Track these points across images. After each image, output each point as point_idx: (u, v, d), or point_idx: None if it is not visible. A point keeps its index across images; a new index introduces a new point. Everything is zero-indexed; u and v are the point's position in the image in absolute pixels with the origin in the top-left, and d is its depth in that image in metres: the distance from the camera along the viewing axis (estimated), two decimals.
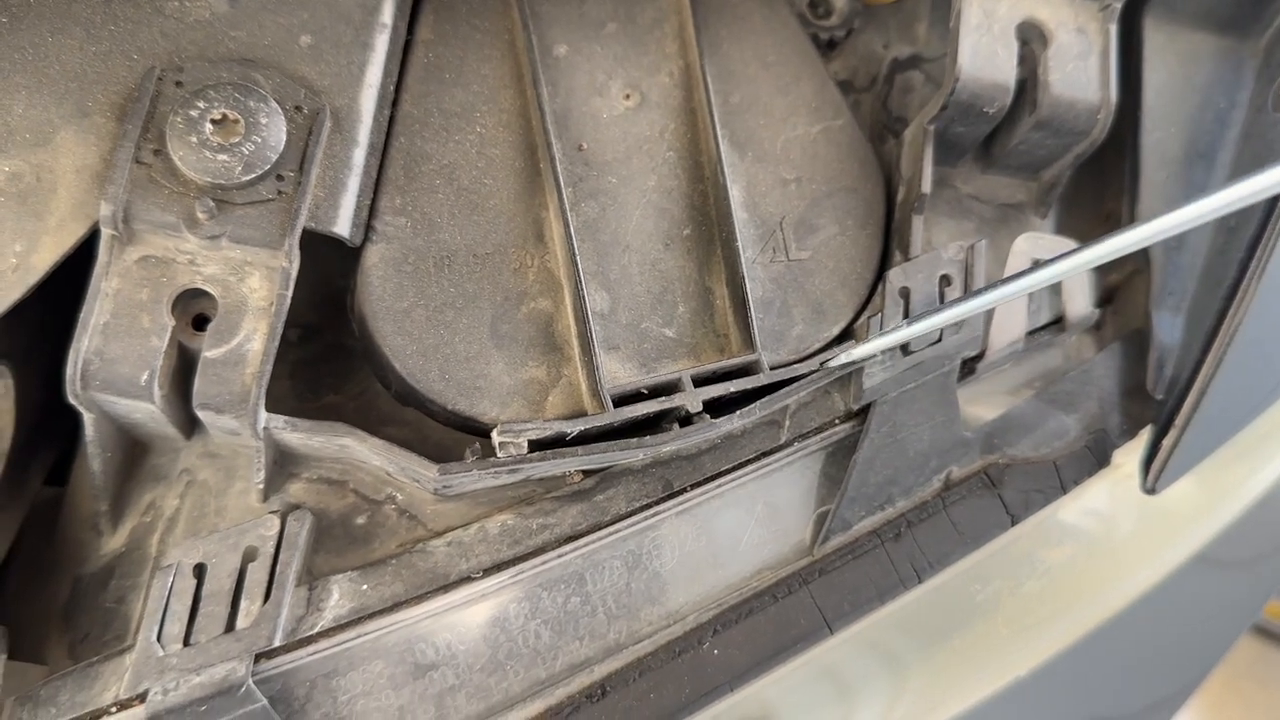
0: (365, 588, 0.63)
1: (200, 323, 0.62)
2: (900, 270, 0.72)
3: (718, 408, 0.69)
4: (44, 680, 0.60)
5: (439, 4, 0.73)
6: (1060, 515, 0.76)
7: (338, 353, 0.73)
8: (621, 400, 0.66)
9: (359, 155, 0.65)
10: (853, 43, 0.89)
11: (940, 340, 0.72)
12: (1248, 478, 0.85)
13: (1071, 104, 0.73)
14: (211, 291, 0.61)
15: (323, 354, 0.74)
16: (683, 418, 0.68)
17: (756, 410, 0.68)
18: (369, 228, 0.67)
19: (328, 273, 0.70)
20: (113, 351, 0.59)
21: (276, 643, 0.59)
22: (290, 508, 0.64)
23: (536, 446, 0.64)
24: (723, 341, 0.72)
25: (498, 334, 0.68)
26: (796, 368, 0.70)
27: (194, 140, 0.60)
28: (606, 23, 0.76)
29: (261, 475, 0.64)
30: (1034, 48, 0.75)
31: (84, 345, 0.59)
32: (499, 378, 0.67)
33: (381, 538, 0.66)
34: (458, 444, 0.67)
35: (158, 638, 0.58)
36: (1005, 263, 0.78)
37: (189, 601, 0.59)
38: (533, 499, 0.67)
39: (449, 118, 0.71)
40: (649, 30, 0.77)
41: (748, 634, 0.67)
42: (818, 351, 0.73)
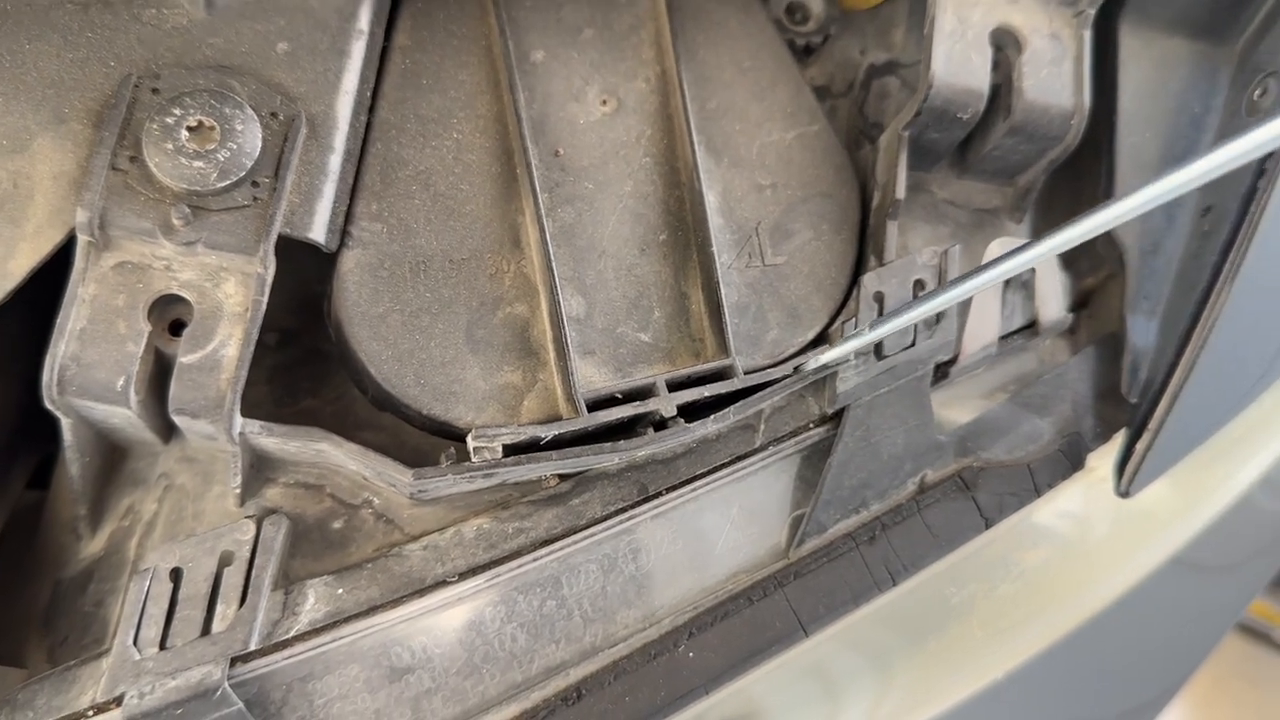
0: (341, 592, 0.63)
1: (177, 328, 0.62)
2: (875, 275, 0.72)
3: (694, 412, 0.69)
4: (22, 684, 0.60)
5: (416, 10, 0.73)
6: (1035, 518, 0.76)
7: (315, 357, 0.73)
8: (596, 405, 0.67)
9: (335, 161, 0.66)
10: (830, 48, 0.89)
11: (914, 344, 0.72)
12: (1224, 481, 0.85)
13: (1045, 110, 0.74)
14: (187, 297, 0.61)
15: (300, 358, 0.74)
16: (657, 422, 0.68)
17: (731, 415, 0.69)
18: (345, 233, 0.67)
19: (305, 277, 0.70)
20: (89, 357, 0.59)
21: (252, 646, 0.59)
22: (266, 512, 0.65)
23: (511, 451, 0.64)
24: (698, 346, 0.72)
25: (473, 339, 0.68)
26: (770, 372, 0.70)
27: (170, 147, 0.61)
28: (583, 29, 0.77)
29: (238, 480, 0.64)
30: (1008, 54, 0.75)
31: (61, 351, 0.59)
32: (474, 382, 0.67)
33: (358, 542, 0.66)
34: (435, 448, 0.67)
35: (134, 641, 0.58)
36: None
37: (165, 605, 0.60)
38: (509, 503, 0.67)
39: (426, 124, 0.71)
40: (626, 36, 0.78)
41: (723, 637, 0.68)
42: (793, 356, 0.73)
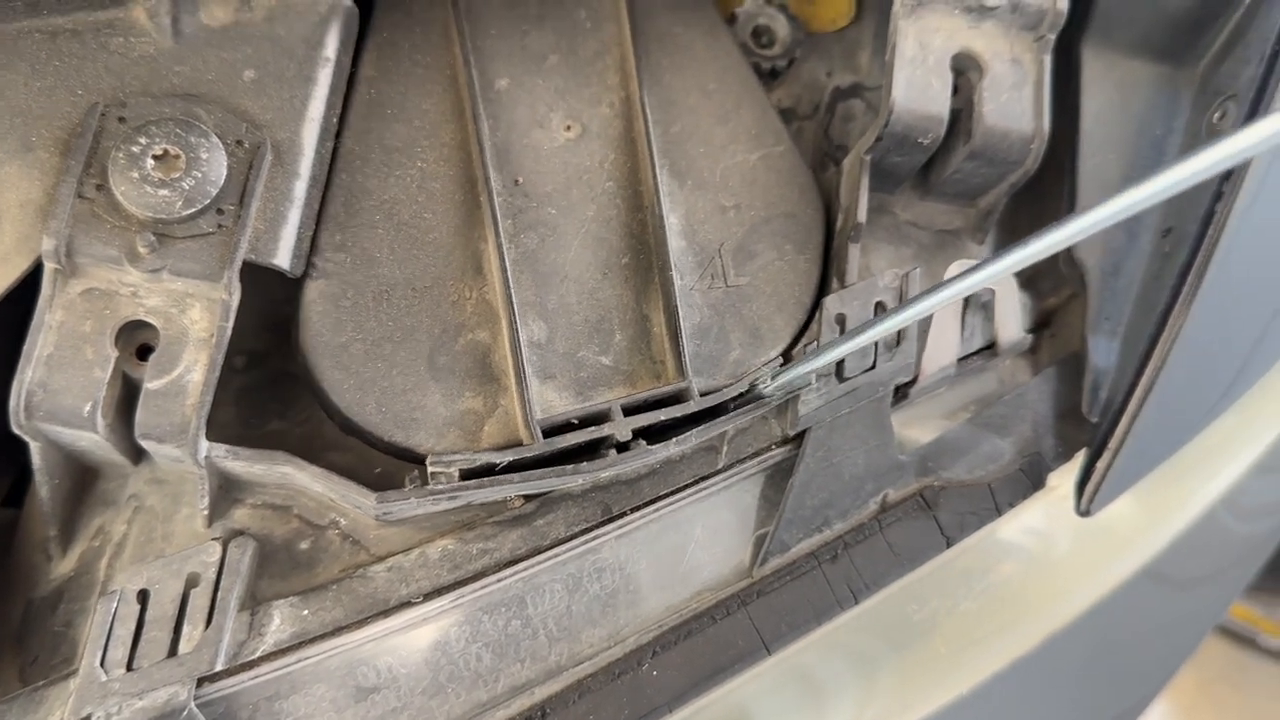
0: (306, 612, 0.64)
1: (144, 353, 0.63)
2: (836, 297, 0.73)
3: (656, 433, 0.70)
4: None
5: (382, 41, 0.74)
6: (997, 535, 0.77)
7: (283, 379, 0.74)
8: (552, 430, 0.67)
9: (300, 188, 0.67)
10: (796, 71, 0.90)
11: (874, 366, 0.73)
12: (1187, 498, 0.86)
13: (1005, 134, 0.75)
14: (154, 323, 0.62)
15: (268, 380, 0.75)
16: (620, 445, 0.69)
17: (693, 437, 0.70)
18: (309, 264, 0.68)
19: (273, 299, 0.71)
20: (56, 383, 0.60)
21: (218, 667, 0.60)
22: (233, 534, 0.65)
23: (468, 476, 0.65)
24: (659, 368, 0.73)
25: (435, 366, 0.69)
26: (725, 392, 0.71)
27: (136, 175, 0.61)
28: (548, 55, 0.78)
29: (206, 502, 0.65)
30: (969, 78, 0.76)
31: (28, 376, 0.60)
32: (435, 409, 0.68)
33: (325, 563, 0.67)
34: (402, 469, 0.68)
35: (101, 663, 0.59)
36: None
37: (132, 627, 0.60)
38: (474, 524, 0.68)
39: (390, 153, 0.72)
40: (590, 62, 0.79)
41: (686, 655, 0.69)
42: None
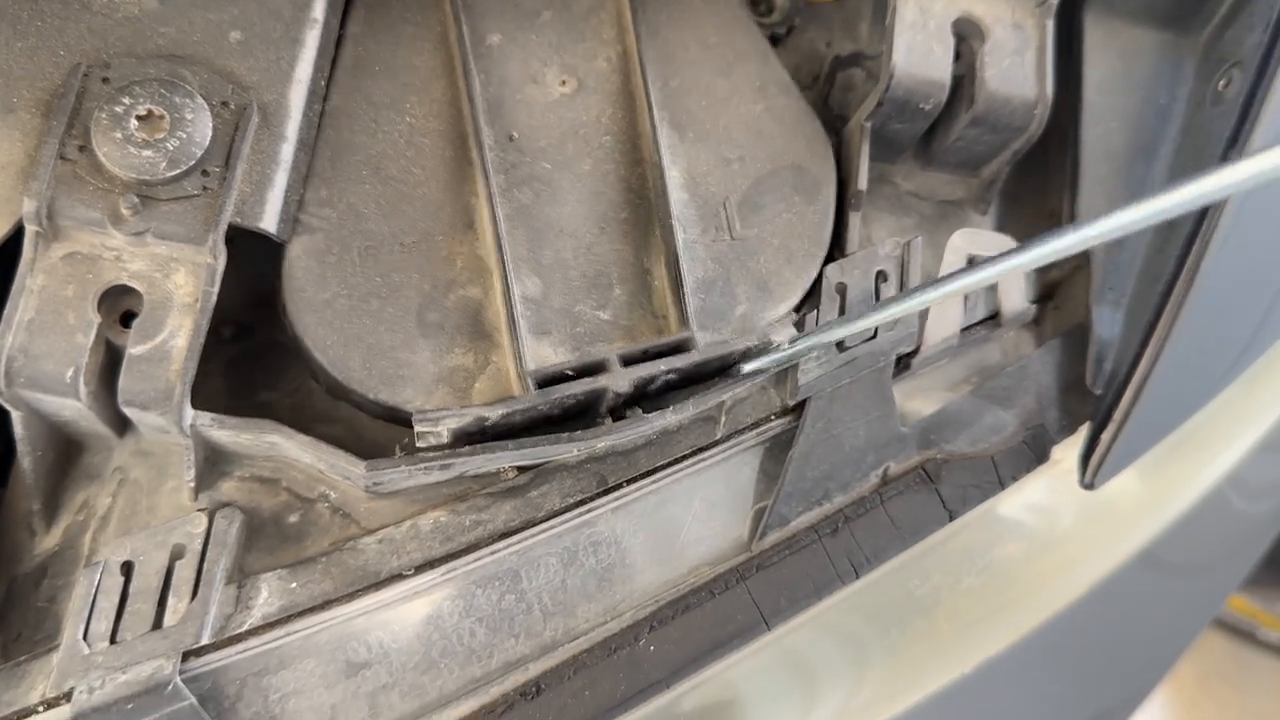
0: (294, 585, 0.62)
1: (127, 319, 0.62)
2: (837, 266, 0.72)
3: (656, 394, 0.69)
4: None
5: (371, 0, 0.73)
6: (999, 510, 0.76)
7: (271, 350, 0.73)
8: (546, 382, 0.66)
9: (287, 151, 0.65)
10: (795, 40, 0.89)
11: (875, 336, 0.72)
12: (1192, 474, 0.85)
13: (1007, 100, 0.73)
14: (137, 288, 0.61)
15: (256, 351, 0.74)
16: (615, 408, 0.67)
17: (691, 406, 0.68)
18: (295, 220, 0.67)
19: (261, 271, 0.70)
20: (38, 348, 0.59)
21: (204, 640, 0.59)
22: (220, 505, 0.64)
23: (458, 434, 0.63)
24: (661, 323, 0.71)
25: (424, 322, 0.67)
26: (730, 344, 0.69)
27: (119, 136, 0.60)
28: (542, 11, 0.76)
29: (192, 473, 0.64)
30: (971, 44, 0.75)
31: (8, 342, 0.58)
32: (424, 366, 0.67)
33: (314, 536, 0.66)
34: (392, 441, 0.67)
35: (84, 635, 0.58)
36: (943, 259, 0.78)
37: (116, 599, 0.59)
38: (466, 495, 0.67)
39: (378, 109, 0.71)
40: (586, 17, 0.77)
41: (684, 630, 0.67)
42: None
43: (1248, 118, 0.71)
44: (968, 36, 0.75)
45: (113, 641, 0.58)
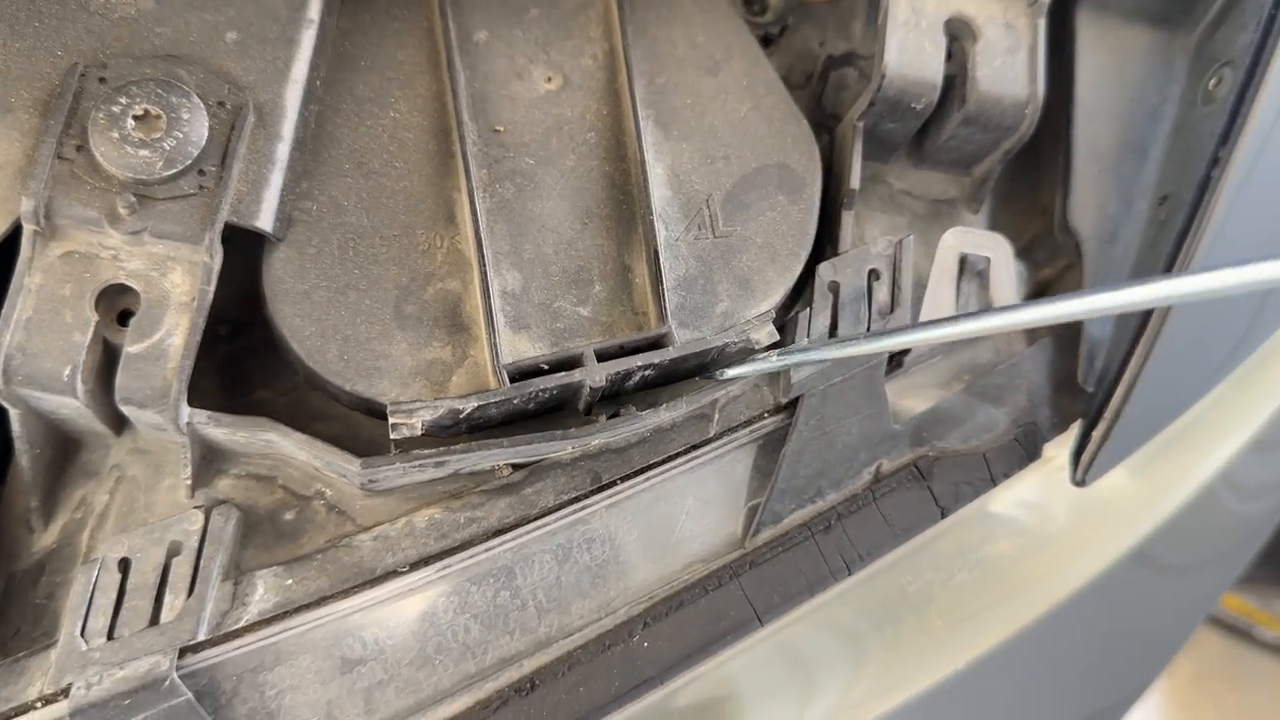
0: (290, 582, 0.63)
1: (124, 318, 0.62)
2: (829, 265, 0.72)
3: (636, 394, 0.69)
4: None
5: None
6: (992, 507, 0.76)
7: (267, 348, 0.73)
8: (520, 376, 0.66)
9: (283, 150, 0.66)
10: (788, 39, 0.90)
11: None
12: (1184, 472, 0.85)
13: (999, 100, 0.74)
14: (134, 286, 0.61)
15: (252, 350, 0.74)
16: (592, 402, 0.68)
17: (683, 404, 0.69)
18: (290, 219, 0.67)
19: (256, 269, 0.70)
20: (35, 346, 0.59)
21: (200, 637, 0.59)
22: (216, 503, 0.64)
23: (431, 426, 0.64)
24: (641, 319, 0.72)
25: (402, 314, 0.68)
26: (707, 341, 0.69)
27: (116, 136, 0.61)
28: (529, 8, 0.77)
29: (188, 470, 0.64)
30: (963, 43, 0.75)
31: (6, 340, 0.59)
32: (401, 358, 0.67)
33: (310, 533, 0.66)
34: (388, 439, 0.67)
35: (81, 632, 0.58)
36: (935, 257, 0.78)
37: (113, 596, 0.59)
38: (461, 493, 0.67)
39: (361, 103, 0.71)
40: (573, 15, 0.78)
41: (678, 626, 0.68)
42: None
43: (1238, 117, 0.72)
44: (959, 36, 0.75)
45: (110, 638, 0.58)
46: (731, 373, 0.69)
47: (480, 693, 0.64)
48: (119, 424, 0.66)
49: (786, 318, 0.74)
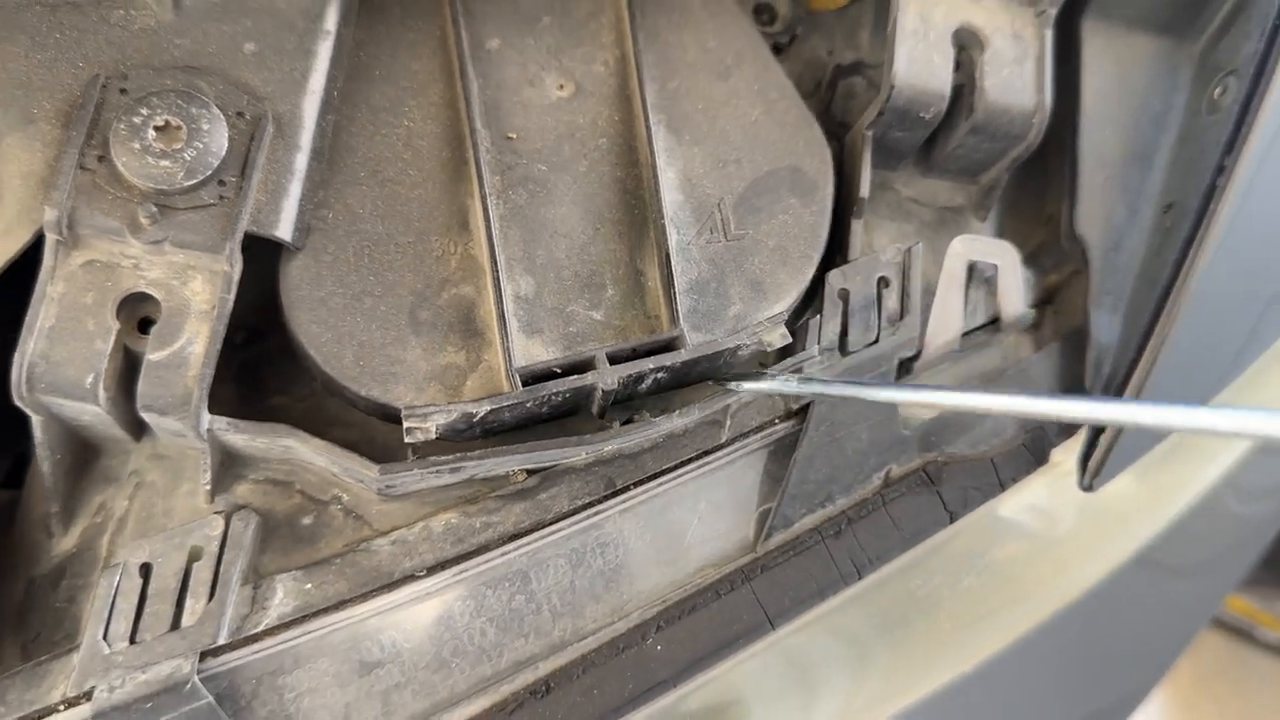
0: (309, 586, 0.64)
1: (145, 325, 0.63)
2: (839, 272, 0.73)
3: (649, 397, 0.70)
4: None
5: (371, 6, 0.74)
6: (1000, 512, 0.77)
7: (284, 355, 0.73)
8: (533, 379, 0.67)
9: (301, 160, 0.66)
10: (797, 48, 0.90)
11: (877, 341, 0.73)
12: (1189, 476, 0.86)
13: (1006, 109, 0.75)
14: (155, 295, 0.62)
15: (269, 356, 0.75)
16: (605, 405, 0.68)
17: (695, 410, 0.69)
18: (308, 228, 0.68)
19: (271, 276, 0.71)
20: (58, 355, 0.60)
21: (221, 640, 0.60)
22: (236, 508, 0.65)
23: (446, 430, 0.64)
24: (654, 323, 0.72)
25: (416, 320, 0.69)
26: (718, 343, 0.70)
27: (137, 146, 0.61)
28: (541, 16, 0.78)
29: (208, 476, 0.65)
30: (971, 53, 0.76)
31: (29, 348, 0.60)
32: (415, 363, 0.68)
33: (327, 537, 0.67)
34: (404, 445, 0.68)
35: (104, 636, 0.59)
36: (943, 264, 0.79)
37: (135, 600, 0.60)
38: (477, 498, 0.68)
39: (376, 113, 0.72)
40: (584, 23, 0.79)
41: (691, 630, 0.69)
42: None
43: (1243, 126, 0.73)
44: (967, 46, 0.76)
45: (132, 642, 0.59)
46: (747, 386, 0.69)
47: (496, 695, 0.65)
48: (138, 430, 0.67)
49: (797, 325, 0.75)
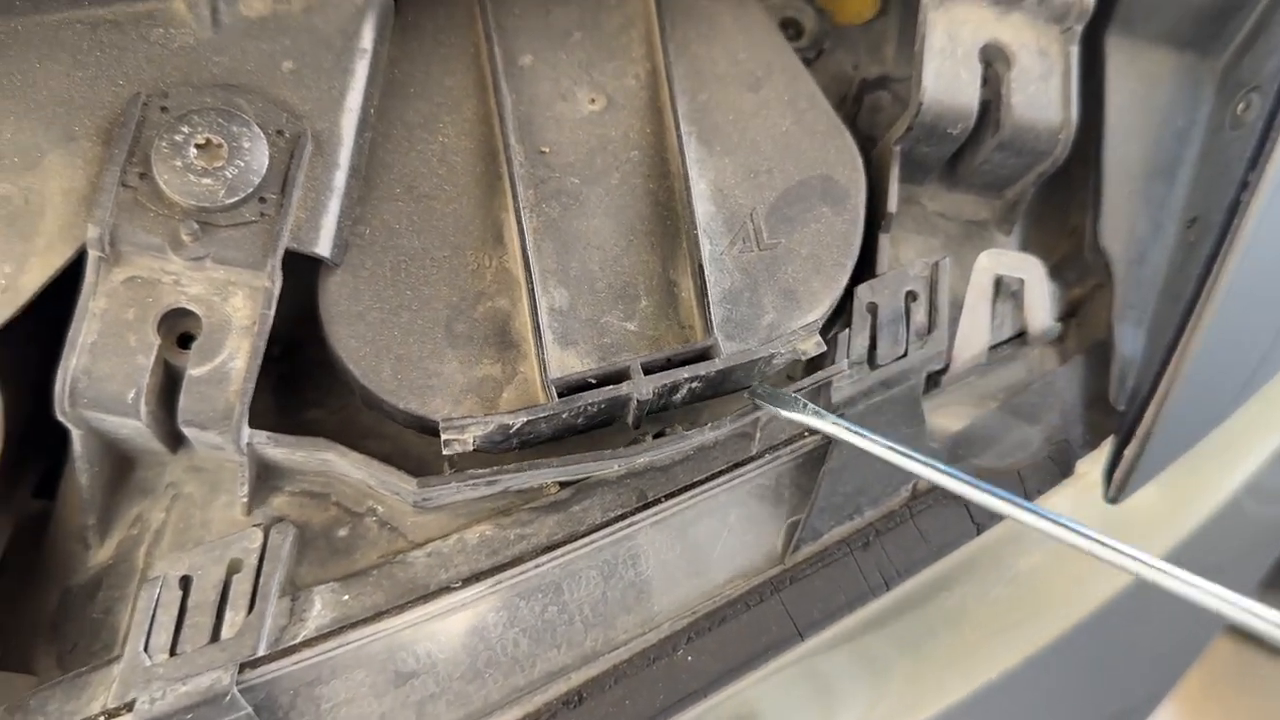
0: (346, 598, 0.64)
1: (185, 341, 0.64)
2: (868, 286, 0.74)
3: (684, 407, 0.70)
4: (33, 690, 0.61)
5: (406, 23, 0.75)
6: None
7: (319, 368, 0.74)
8: (569, 390, 0.67)
9: (340, 177, 0.67)
10: (823, 63, 0.91)
11: (906, 354, 0.74)
12: (1210, 486, 0.87)
13: (1033, 125, 0.75)
14: (196, 311, 0.63)
15: (304, 369, 0.75)
16: (640, 416, 0.69)
17: (726, 423, 0.70)
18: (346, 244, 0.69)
19: (309, 290, 0.72)
20: (100, 370, 0.61)
21: (260, 652, 0.61)
22: (273, 520, 0.66)
23: (483, 441, 0.65)
24: (688, 333, 0.73)
25: (453, 333, 0.69)
26: (752, 351, 0.71)
27: (178, 164, 0.62)
28: (573, 32, 0.79)
29: (245, 489, 0.66)
30: (997, 70, 0.77)
31: (72, 364, 0.60)
32: (452, 376, 0.68)
33: (363, 549, 0.68)
34: (438, 456, 0.68)
35: (145, 648, 0.60)
36: (969, 279, 0.80)
37: (175, 613, 0.61)
38: (510, 510, 0.69)
39: (411, 129, 0.73)
40: (615, 36, 0.80)
41: (721, 641, 0.69)
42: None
43: (1267, 141, 0.73)
44: (994, 62, 0.77)
45: (173, 654, 0.60)
46: (786, 413, 0.70)
47: (529, 706, 0.66)
48: (175, 442, 0.68)
49: (826, 338, 0.75)
